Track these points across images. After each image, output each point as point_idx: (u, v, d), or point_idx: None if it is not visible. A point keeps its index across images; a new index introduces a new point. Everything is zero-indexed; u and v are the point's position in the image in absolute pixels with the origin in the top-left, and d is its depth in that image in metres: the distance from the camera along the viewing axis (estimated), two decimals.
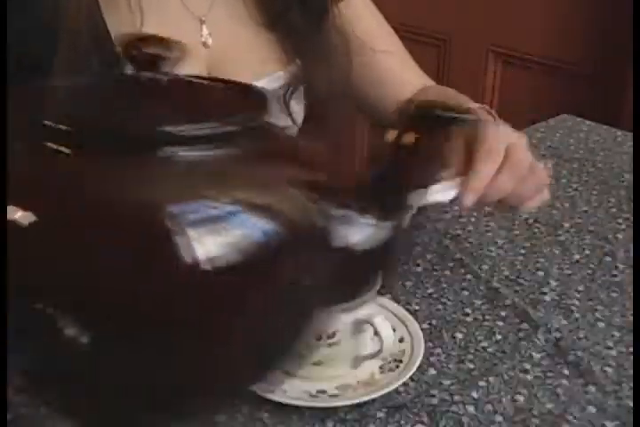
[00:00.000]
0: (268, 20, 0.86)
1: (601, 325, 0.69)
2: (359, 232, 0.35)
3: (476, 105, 0.79)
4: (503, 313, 0.71)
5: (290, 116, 0.87)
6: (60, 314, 0.32)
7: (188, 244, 0.30)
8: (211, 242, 0.31)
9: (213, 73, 0.83)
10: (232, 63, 0.84)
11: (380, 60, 0.93)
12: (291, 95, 0.87)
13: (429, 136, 0.37)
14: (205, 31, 0.83)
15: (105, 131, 0.33)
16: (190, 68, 0.82)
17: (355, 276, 0.37)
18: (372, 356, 0.61)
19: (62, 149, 0.33)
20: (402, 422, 0.58)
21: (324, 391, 0.61)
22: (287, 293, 0.34)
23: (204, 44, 0.83)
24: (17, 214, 0.31)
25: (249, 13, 0.86)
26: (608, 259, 0.80)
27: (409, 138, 0.36)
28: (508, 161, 0.68)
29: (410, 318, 0.67)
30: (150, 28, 0.78)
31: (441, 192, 0.66)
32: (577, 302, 0.72)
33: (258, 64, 0.86)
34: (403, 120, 0.39)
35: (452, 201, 0.67)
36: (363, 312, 0.60)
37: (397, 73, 0.94)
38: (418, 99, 0.92)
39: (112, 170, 0.32)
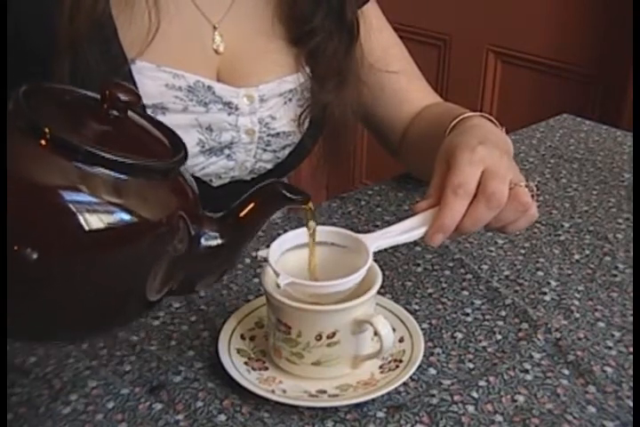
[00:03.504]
0: (293, 37, 0.87)
1: (601, 325, 0.69)
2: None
3: (475, 113, 0.78)
4: (503, 313, 0.71)
5: (298, 128, 0.88)
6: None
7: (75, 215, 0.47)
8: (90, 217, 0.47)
9: (223, 77, 0.84)
10: (242, 68, 0.85)
11: (389, 81, 0.93)
12: (307, 117, 0.88)
13: (263, 208, 0.57)
14: (218, 38, 0.84)
15: (64, 139, 0.47)
16: (201, 72, 0.84)
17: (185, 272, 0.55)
18: (372, 356, 0.61)
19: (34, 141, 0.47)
20: (402, 422, 0.58)
21: (324, 391, 0.61)
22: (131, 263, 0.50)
23: (216, 51, 0.84)
24: None
25: (271, 26, 0.86)
26: (608, 259, 0.80)
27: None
28: (482, 192, 0.64)
29: (410, 318, 0.67)
30: (165, 32, 0.78)
31: (409, 232, 0.65)
32: (577, 302, 0.73)
33: (267, 69, 0.86)
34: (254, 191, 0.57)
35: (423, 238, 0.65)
36: (363, 312, 0.60)
37: (404, 93, 0.95)
38: (418, 118, 0.93)
39: (49, 163, 0.47)
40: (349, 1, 0.85)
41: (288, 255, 0.63)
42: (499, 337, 0.68)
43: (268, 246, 0.62)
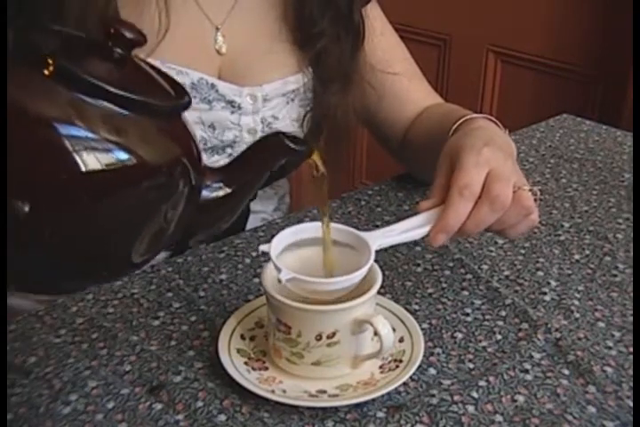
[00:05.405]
0: (299, 39, 0.86)
1: (601, 325, 0.69)
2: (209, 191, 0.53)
3: (478, 115, 0.78)
4: (503, 313, 0.71)
5: (300, 128, 0.88)
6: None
7: (69, 153, 0.44)
8: (87, 157, 0.44)
9: (224, 77, 0.84)
10: (244, 69, 0.85)
11: (390, 82, 0.94)
12: (309, 122, 0.88)
13: (267, 158, 0.56)
14: (220, 39, 0.84)
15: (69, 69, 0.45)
16: (202, 72, 0.84)
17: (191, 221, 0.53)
18: (372, 356, 0.61)
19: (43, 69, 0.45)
20: (402, 422, 0.58)
21: (324, 391, 0.61)
22: (136, 205, 0.47)
23: (218, 52, 0.84)
24: None
25: (277, 28, 0.86)
26: (608, 259, 0.80)
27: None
28: (486, 194, 0.64)
29: (410, 318, 0.67)
30: (171, 32, 0.79)
31: (412, 230, 0.65)
32: (577, 302, 0.73)
33: (270, 70, 0.87)
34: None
35: (425, 238, 0.65)
36: (363, 312, 0.60)
37: (405, 94, 0.95)
38: (420, 119, 0.93)
39: (52, 94, 0.45)
40: (356, 4, 0.85)
41: (288, 252, 0.63)
42: (499, 337, 0.68)
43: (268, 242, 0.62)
